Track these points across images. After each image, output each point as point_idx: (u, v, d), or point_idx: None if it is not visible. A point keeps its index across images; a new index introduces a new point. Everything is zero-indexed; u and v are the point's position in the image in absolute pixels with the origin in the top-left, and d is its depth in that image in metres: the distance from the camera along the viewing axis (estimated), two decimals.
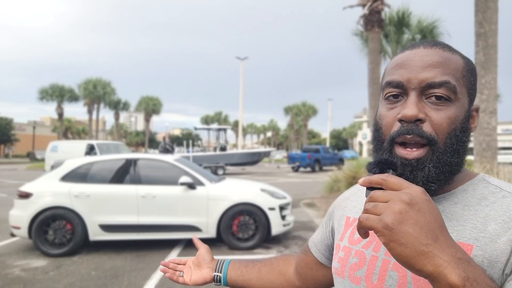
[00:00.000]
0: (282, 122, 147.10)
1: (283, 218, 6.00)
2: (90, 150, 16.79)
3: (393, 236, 0.49)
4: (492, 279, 0.56)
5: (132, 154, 6.48)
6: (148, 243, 6.01)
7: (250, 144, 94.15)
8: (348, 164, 13.84)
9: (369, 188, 0.57)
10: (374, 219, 0.51)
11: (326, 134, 65.75)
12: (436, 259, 0.48)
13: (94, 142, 17.60)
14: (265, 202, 5.88)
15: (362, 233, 0.55)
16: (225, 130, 27.04)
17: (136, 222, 5.66)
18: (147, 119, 52.63)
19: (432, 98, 0.65)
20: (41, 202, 5.54)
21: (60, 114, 43.10)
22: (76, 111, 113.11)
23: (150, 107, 50.29)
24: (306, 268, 0.97)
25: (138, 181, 5.87)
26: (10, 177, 20.74)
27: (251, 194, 6.00)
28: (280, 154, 60.55)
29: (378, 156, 0.69)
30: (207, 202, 5.78)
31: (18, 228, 5.53)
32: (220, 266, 1.05)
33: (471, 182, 0.70)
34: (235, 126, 67.97)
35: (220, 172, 21.65)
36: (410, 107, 0.64)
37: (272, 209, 5.87)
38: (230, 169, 26.32)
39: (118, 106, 47.55)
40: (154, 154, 6.76)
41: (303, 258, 0.99)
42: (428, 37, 14.78)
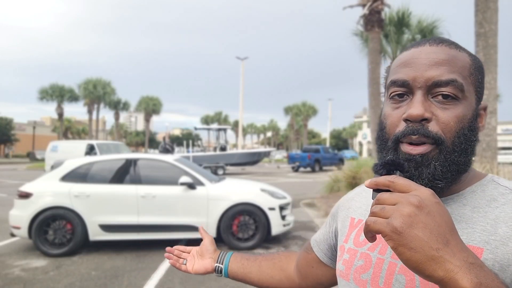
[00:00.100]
0: (282, 122, 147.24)
1: (283, 218, 5.99)
2: (90, 150, 16.77)
3: (402, 240, 0.47)
4: (505, 285, 0.53)
5: (132, 154, 6.47)
6: (148, 243, 6.00)
7: (250, 144, 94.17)
8: (348, 164, 13.81)
9: (376, 190, 0.55)
10: (382, 223, 0.49)
11: (326, 134, 65.84)
12: (447, 264, 0.46)
13: (94, 142, 17.59)
14: (265, 202, 5.88)
15: (370, 236, 0.52)
16: (225, 130, 27.05)
17: (136, 222, 5.65)
18: (147, 119, 52.66)
19: (438, 97, 0.63)
20: (41, 202, 5.53)
21: (60, 114, 43.14)
22: (76, 111, 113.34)
23: (150, 107, 50.33)
24: (307, 265, 0.97)
25: (138, 181, 5.86)
26: (10, 177, 20.72)
27: (251, 194, 6.00)
28: (280, 154, 60.53)
29: (382, 155, 0.67)
30: (207, 202, 5.78)
31: (18, 228, 5.52)
32: (222, 257, 1.06)
33: (480, 183, 0.68)
34: (235, 126, 67.96)
35: (220, 172, 21.64)
36: (416, 107, 0.62)
37: (272, 209, 5.86)
38: (230, 169, 26.30)
39: (118, 106, 47.59)
40: (154, 154, 6.76)
41: (305, 255, 0.98)
42: (428, 37, 14.76)
